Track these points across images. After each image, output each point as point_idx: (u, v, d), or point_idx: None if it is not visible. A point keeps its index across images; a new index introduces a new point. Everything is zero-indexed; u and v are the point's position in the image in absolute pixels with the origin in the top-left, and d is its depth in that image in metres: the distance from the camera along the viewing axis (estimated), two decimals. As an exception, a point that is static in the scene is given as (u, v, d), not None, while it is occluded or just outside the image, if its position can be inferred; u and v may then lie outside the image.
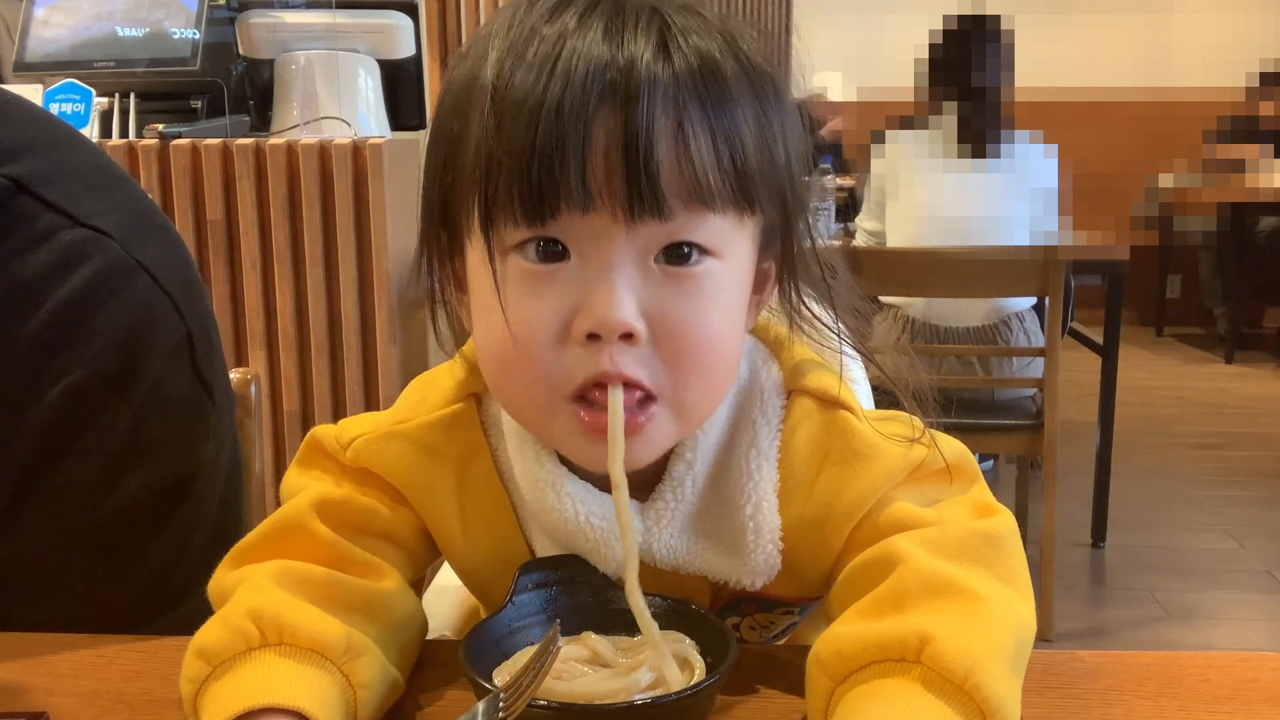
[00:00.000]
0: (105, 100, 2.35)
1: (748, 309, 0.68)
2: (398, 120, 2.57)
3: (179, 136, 2.18)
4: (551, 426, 0.64)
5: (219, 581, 0.68)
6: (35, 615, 0.79)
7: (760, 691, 0.67)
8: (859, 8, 6.30)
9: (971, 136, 2.98)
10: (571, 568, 0.69)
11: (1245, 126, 5.82)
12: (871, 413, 0.71)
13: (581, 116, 0.57)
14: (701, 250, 0.61)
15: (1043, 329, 2.83)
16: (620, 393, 0.60)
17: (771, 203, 0.65)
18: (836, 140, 4.30)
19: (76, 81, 2.28)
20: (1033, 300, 2.96)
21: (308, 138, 2.20)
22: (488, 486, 0.73)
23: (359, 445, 0.73)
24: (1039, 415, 2.73)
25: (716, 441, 0.70)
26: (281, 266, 2.17)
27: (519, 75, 0.59)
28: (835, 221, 3.56)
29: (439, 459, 0.72)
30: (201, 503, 0.93)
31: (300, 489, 0.73)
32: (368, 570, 0.69)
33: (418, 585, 0.76)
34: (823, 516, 0.68)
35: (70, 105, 2.26)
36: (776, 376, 0.72)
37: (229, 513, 0.98)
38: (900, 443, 0.68)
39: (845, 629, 0.60)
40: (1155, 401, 5.08)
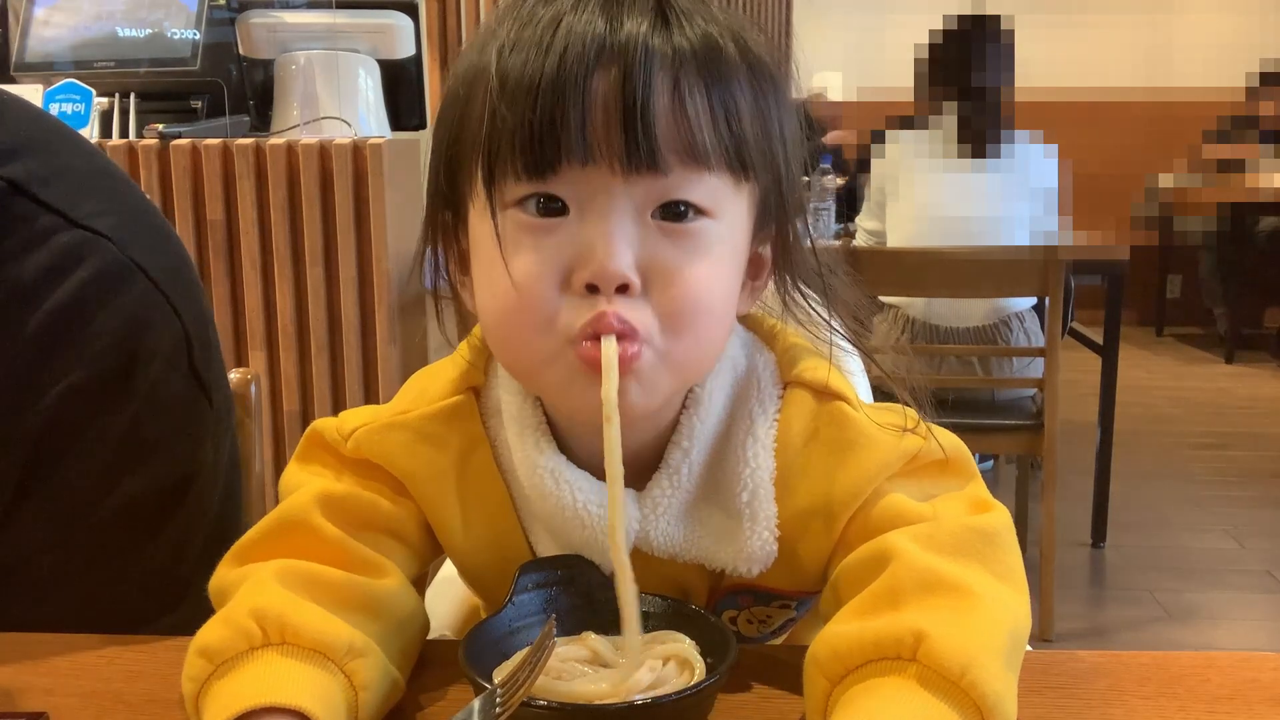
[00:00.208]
0: (105, 100, 2.35)
1: (742, 290, 0.69)
2: (398, 120, 2.57)
3: (179, 136, 2.18)
4: (552, 373, 0.64)
5: (220, 579, 0.68)
6: (35, 615, 0.79)
7: (760, 691, 0.67)
8: (859, 8, 6.30)
9: (971, 136, 2.98)
10: (571, 568, 0.69)
11: (1245, 126, 5.83)
12: (867, 404, 0.71)
13: (583, 74, 0.60)
14: (697, 211, 0.63)
15: (1043, 329, 2.84)
16: (614, 341, 0.61)
17: (766, 175, 0.66)
18: (838, 149, 4.30)
19: (76, 81, 2.28)
20: (1033, 300, 2.96)
21: (308, 138, 2.20)
22: (487, 478, 0.73)
23: (360, 436, 0.73)
24: (1039, 415, 2.73)
25: (714, 430, 0.70)
26: (281, 266, 2.17)
27: (522, 44, 0.61)
28: (835, 222, 3.56)
29: (440, 449, 0.73)
30: (201, 503, 0.93)
31: (300, 484, 0.73)
32: (370, 568, 0.69)
33: (420, 583, 0.76)
34: (819, 505, 0.68)
35: (70, 105, 2.26)
36: (773, 368, 0.72)
37: (229, 513, 0.98)
38: (895, 432, 0.68)
39: (841, 628, 0.60)
40: (1155, 401, 5.08)
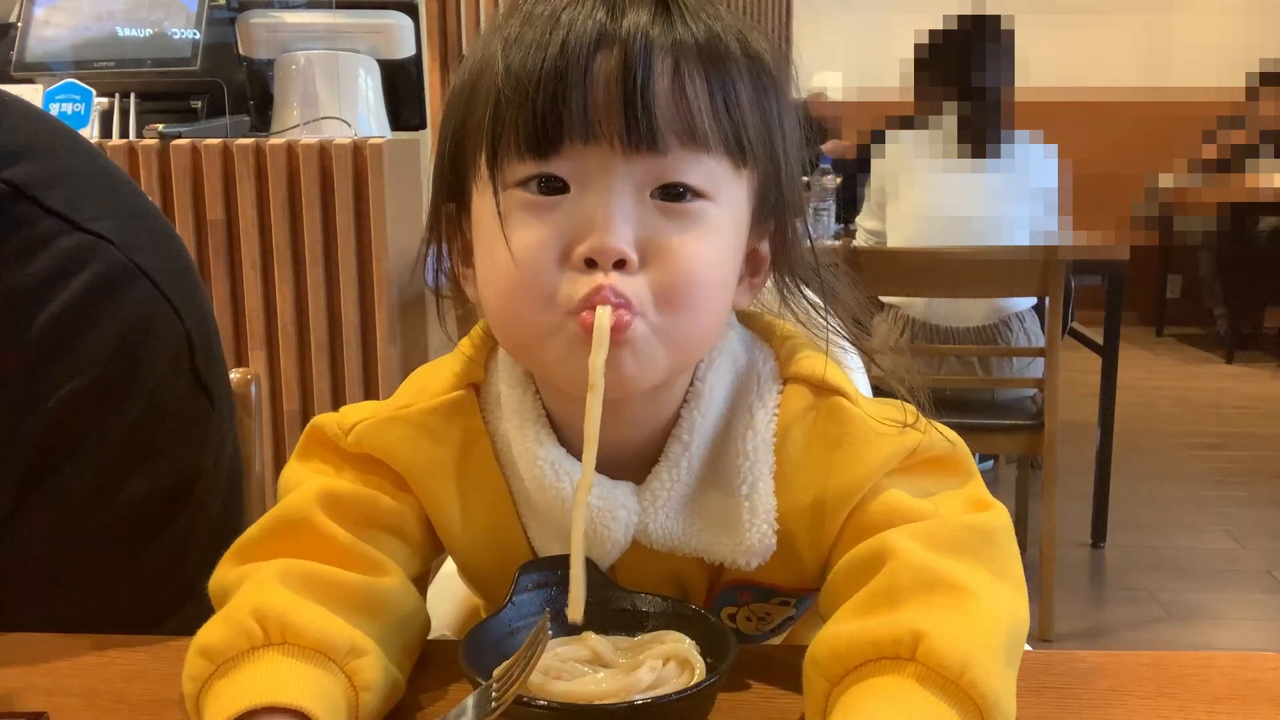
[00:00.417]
0: (105, 100, 2.35)
1: (740, 286, 0.70)
2: (398, 120, 2.57)
3: (179, 136, 2.18)
4: (552, 345, 0.64)
5: (221, 578, 0.68)
6: (37, 619, 0.79)
7: (760, 691, 0.67)
8: (859, 8, 6.30)
9: (971, 136, 2.98)
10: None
11: (1244, 126, 5.83)
12: (867, 400, 0.72)
13: (585, 57, 0.61)
14: (695, 193, 0.64)
15: (1043, 329, 2.84)
16: (608, 310, 0.61)
17: (765, 165, 0.67)
18: (839, 156, 4.29)
19: (76, 81, 2.28)
20: (1033, 300, 2.96)
21: (308, 138, 2.20)
22: (487, 473, 0.73)
23: (361, 430, 0.73)
24: (1039, 415, 2.73)
25: (713, 425, 0.70)
26: (281, 266, 2.17)
27: (526, 36, 0.63)
28: (835, 222, 3.56)
29: (440, 444, 0.73)
30: (203, 505, 0.93)
31: (301, 481, 0.73)
32: (371, 566, 0.69)
33: (421, 582, 0.76)
34: (818, 499, 0.68)
35: (70, 105, 2.26)
36: (772, 363, 0.73)
37: (231, 515, 0.98)
38: (894, 427, 0.68)
39: (840, 628, 0.60)
40: (1155, 401, 5.08)
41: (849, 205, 3.55)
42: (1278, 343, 6.10)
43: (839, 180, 3.68)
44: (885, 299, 2.98)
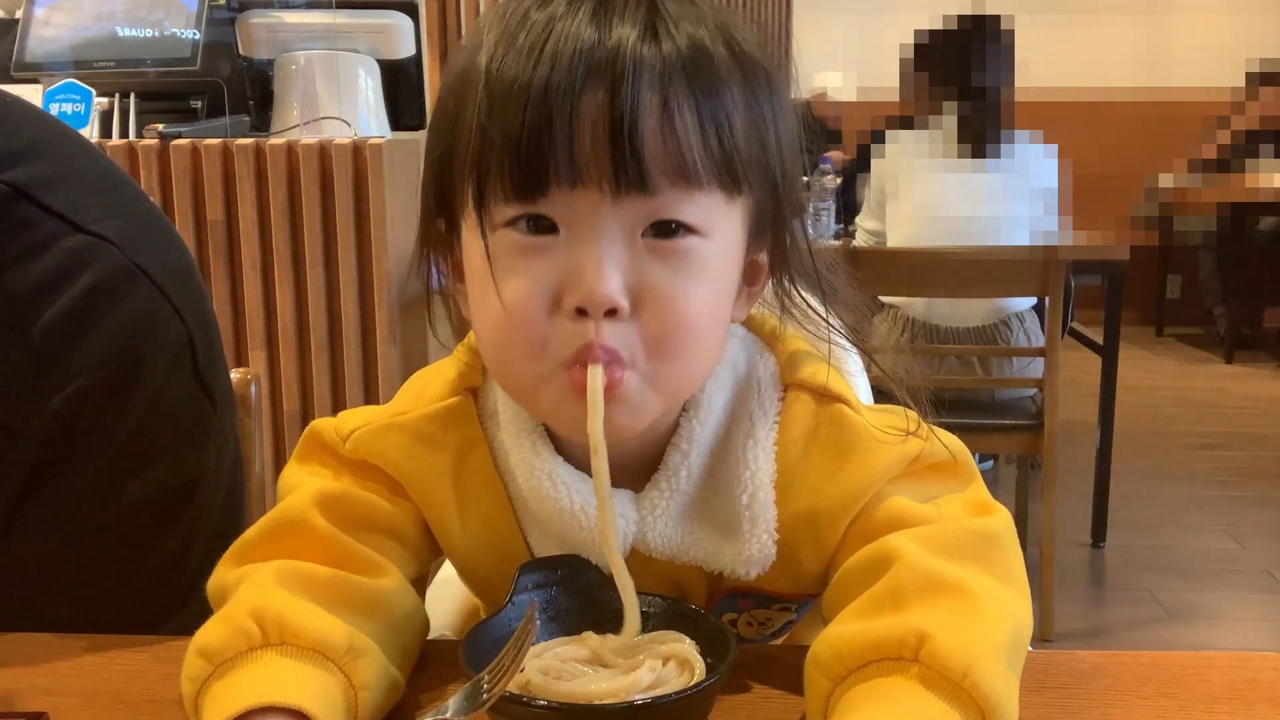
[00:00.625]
0: (105, 100, 2.35)
1: (738, 298, 0.69)
2: (398, 120, 2.57)
3: (179, 136, 2.18)
4: (545, 395, 0.64)
5: (219, 579, 0.68)
6: (38, 620, 0.79)
7: (760, 691, 0.67)
8: (859, 7, 6.30)
9: (971, 136, 2.98)
10: (571, 567, 0.69)
11: (1239, 125, 5.83)
12: (868, 407, 0.71)
13: (569, 94, 0.59)
14: (688, 229, 0.62)
15: (1043, 329, 2.83)
16: (600, 370, 0.61)
17: (760, 185, 0.65)
18: (838, 150, 4.29)
19: (76, 81, 2.28)
20: (1033, 300, 2.96)
21: (308, 138, 2.20)
22: (485, 479, 0.73)
23: (358, 437, 0.73)
24: (1039, 415, 2.73)
25: (713, 433, 0.70)
26: (281, 266, 2.17)
27: (510, 58, 0.60)
28: (835, 222, 3.56)
29: (437, 451, 0.73)
30: (205, 506, 0.93)
31: (299, 484, 0.73)
32: (369, 567, 0.69)
33: (420, 584, 0.76)
34: (819, 508, 0.68)
35: (70, 105, 2.26)
36: (773, 370, 0.72)
37: (232, 516, 0.98)
38: (896, 436, 0.68)
39: (843, 629, 0.60)
40: (1155, 401, 5.08)
41: (849, 206, 3.56)
42: (1278, 343, 6.10)
43: (839, 180, 3.68)
44: (885, 299, 2.98)
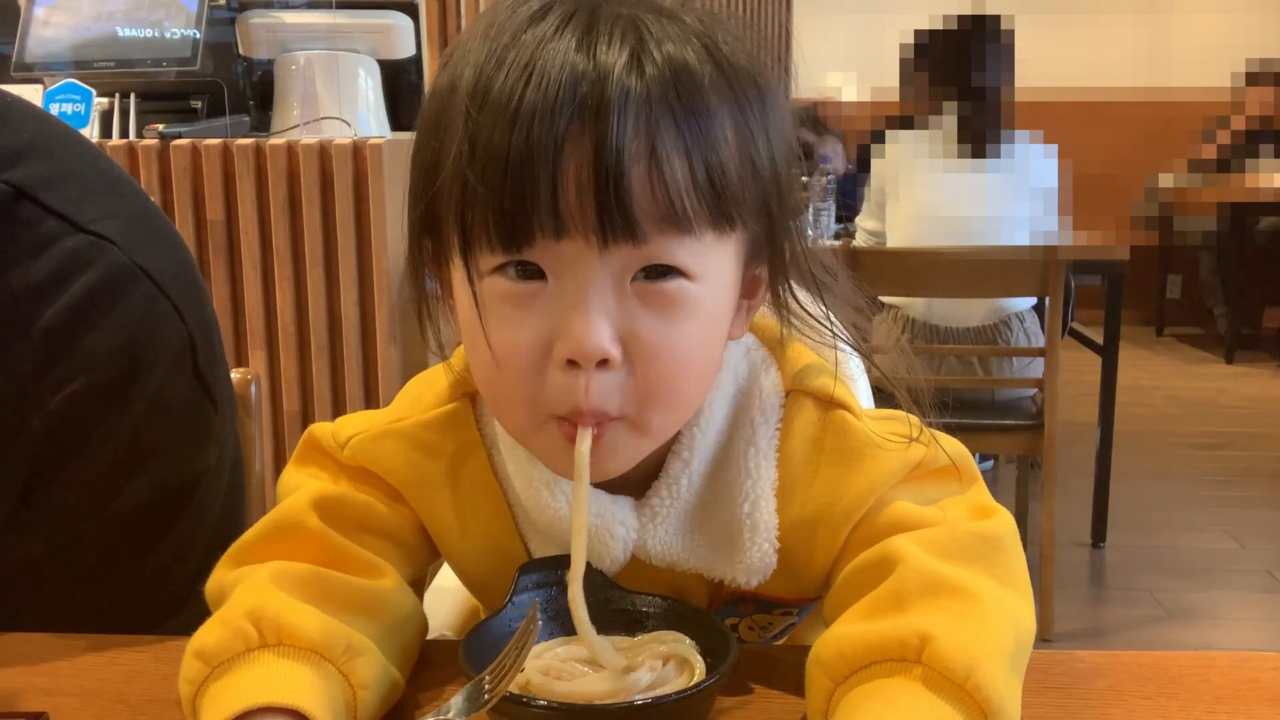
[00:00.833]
0: (105, 100, 2.35)
1: (736, 316, 0.68)
2: (398, 120, 2.57)
3: (179, 136, 2.18)
4: (538, 439, 0.65)
5: (217, 581, 0.68)
6: (39, 620, 0.79)
7: (760, 691, 0.67)
8: (859, 7, 6.30)
9: (971, 136, 2.98)
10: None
11: (1232, 125, 5.83)
12: (870, 412, 0.71)
13: (552, 144, 0.57)
14: (678, 272, 0.60)
15: (1043, 329, 2.83)
16: (589, 435, 0.61)
17: (755, 215, 0.64)
18: (838, 150, 4.28)
19: (76, 81, 2.28)
20: (1033, 300, 2.96)
21: (308, 138, 2.20)
22: (483, 485, 0.73)
23: (355, 444, 0.73)
24: (1039, 415, 2.73)
25: (715, 440, 0.70)
26: (281, 266, 2.17)
27: (493, 93, 0.58)
28: (835, 222, 3.56)
29: (435, 457, 0.73)
30: (205, 506, 0.93)
31: (297, 486, 0.73)
32: (366, 569, 0.69)
33: (418, 585, 0.76)
34: (821, 516, 0.68)
35: (70, 105, 2.26)
36: (775, 377, 0.72)
37: (231, 516, 0.98)
38: (899, 442, 0.68)
39: (845, 629, 0.60)
40: (1155, 401, 5.08)
41: (849, 207, 3.55)
42: (1277, 343, 6.09)
43: (840, 175, 3.68)
44: (885, 299, 2.98)
